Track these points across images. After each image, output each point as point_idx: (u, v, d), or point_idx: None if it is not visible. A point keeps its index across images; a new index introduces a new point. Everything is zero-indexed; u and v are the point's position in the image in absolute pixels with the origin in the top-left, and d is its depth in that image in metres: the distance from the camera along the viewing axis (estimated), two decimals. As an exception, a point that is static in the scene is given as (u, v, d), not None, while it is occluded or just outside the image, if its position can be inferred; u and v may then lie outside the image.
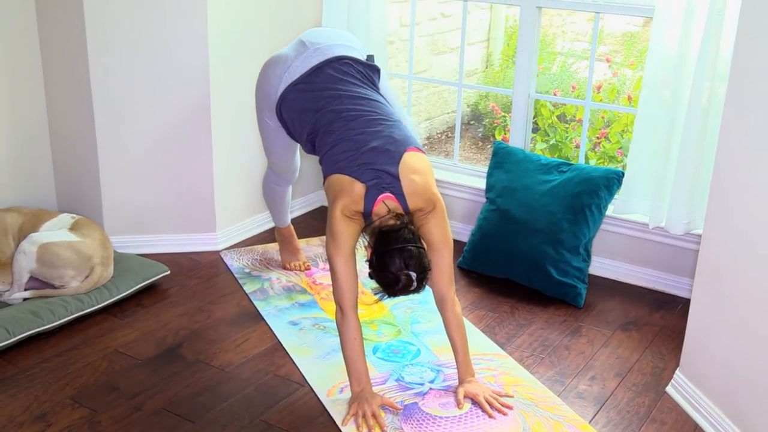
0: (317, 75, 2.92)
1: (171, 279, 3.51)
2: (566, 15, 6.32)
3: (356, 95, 2.84)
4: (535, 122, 4.68)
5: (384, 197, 2.58)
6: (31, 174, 3.71)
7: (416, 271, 2.48)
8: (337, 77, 2.90)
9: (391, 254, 2.47)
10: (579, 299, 3.39)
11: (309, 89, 2.90)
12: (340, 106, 2.80)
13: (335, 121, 2.77)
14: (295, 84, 2.93)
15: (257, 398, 2.72)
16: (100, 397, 2.69)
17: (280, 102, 2.97)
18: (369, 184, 2.58)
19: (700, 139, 3.21)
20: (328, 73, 2.91)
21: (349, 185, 2.60)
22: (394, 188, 2.59)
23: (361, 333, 2.63)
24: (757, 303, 2.38)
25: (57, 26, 3.54)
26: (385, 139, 2.67)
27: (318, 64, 2.93)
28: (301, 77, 2.93)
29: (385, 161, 2.61)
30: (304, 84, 2.92)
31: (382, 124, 2.74)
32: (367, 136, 2.69)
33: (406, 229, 2.53)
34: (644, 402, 2.77)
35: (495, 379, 2.84)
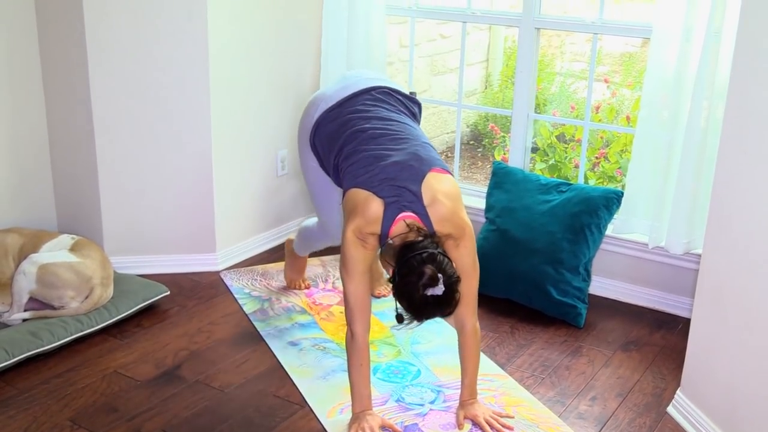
0: (352, 101, 2.84)
1: (171, 300, 3.51)
2: (565, 36, 6.36)
3: (386, 117, 2.76)
4: (534, 142, 4.69)
5: (404, 216, 2.43)
6: (31, 195, 3.72)
7: (443, 275, 2.31)
8: (371, 103, 2.82)
9: (414, 258, 2.33)
10: (579, 319, 3.39)
11: (341, 114, 2.82)
12: (367, 125, 2.71)
13: (358, 138, 2.68)
14: (329, 110, 2.86)
15: (257, 419, 2.70)
16: (99, 419, 2.68)
17: (314, 131, 2.89)
18: (388, 201, 2.45)
19: (698, 158, 3.22)
20: (364, 99, 2.84)
21: (364, 203, 2.46)
22: (415, 207, 2.44)
23: (368, 359, 2.58)
24: (757, 323, 2.37)
25: (58, 48, 3.55)
26: (410, 155, 2.55)
27: (356, 91, 2.87)
28: (335, 103, 2.86)
29: (407, 177, 2.48)
30: (338, 109, 2.84)
31: (407, 141, 2.63)
32: (390, 151, 2.57)
33: (429, 240, 2.39)
34: (645, 422, 2.76)
35: (495, 400, 2.83)
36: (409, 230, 2.42)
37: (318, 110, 2.90)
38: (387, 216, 2.44)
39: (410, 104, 2.95)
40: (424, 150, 2.62)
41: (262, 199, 4.05)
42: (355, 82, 2.93)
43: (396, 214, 2.44)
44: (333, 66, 4.03)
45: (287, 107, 4.06)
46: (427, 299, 2.33)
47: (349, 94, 2.87)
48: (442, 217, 2.46)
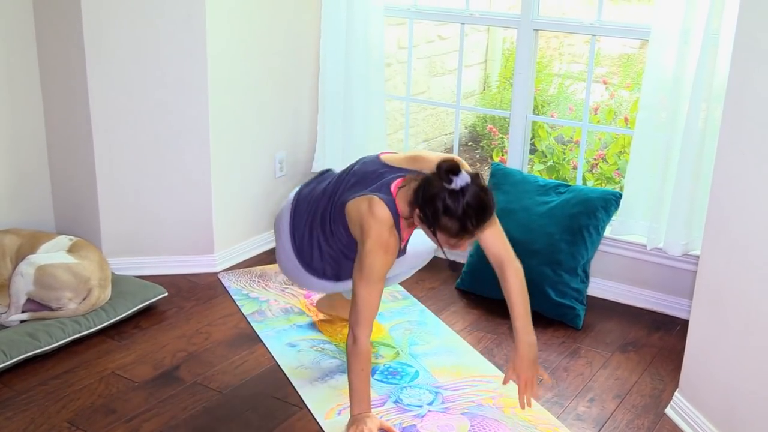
0: (330, 175, 2.92)
1: (169, 301, 3.50)
2: (563, 37, 6.36)
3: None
4: (533, 144, 4.70)
5: (395, 188, 2.54)
6: (29, 196, 3.72)
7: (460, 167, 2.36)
8: (349, 172, 2.81)
9: (425, 189, 2.40)
10: (577, 320, 3.39)
11: (317, 183, 2.90)
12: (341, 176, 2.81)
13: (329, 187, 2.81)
14: (306, 185, 2.96)
15: (255, 421, 2.70)
16: (96, 420, 2.68)
17: (292, 216, 2.91)
18: (376, 194, 2.53)
19: (697, 160, 3.22)
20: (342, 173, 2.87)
21: (368, 207, 2.51)
22: (396, 176, 2.59)
23: (369, 363, 2.58)
24: (755, 324, 2.37)
25: (56, 49, 3.55)
26: (384, 174, 2.65)
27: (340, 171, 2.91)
28: (312, 179, 2.97)
29: (371, 171, 2.65)
30: (314, 182, 2.92)
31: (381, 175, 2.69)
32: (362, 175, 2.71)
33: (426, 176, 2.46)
34: (643, 424, 2.76)
35: (494, 401, 2.83)
36: (408, 184, 2.51)
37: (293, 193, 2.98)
38: (387, 202, 2.51)
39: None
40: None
41: (261, 200, 4.05)
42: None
43: (389, 194, 2.52)
44: (331, 67, 4.03)
45: (286, 109, 4.06)
46: (462, 195, 2.33)
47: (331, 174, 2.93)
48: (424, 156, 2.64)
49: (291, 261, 2.90)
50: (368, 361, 2.56)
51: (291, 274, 2.97)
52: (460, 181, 2.34)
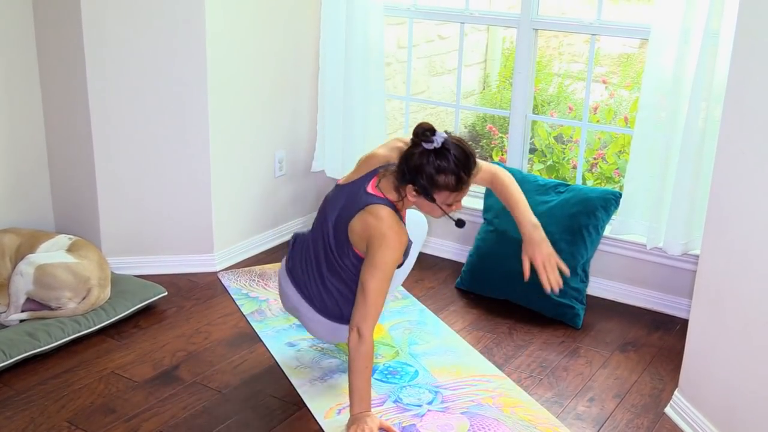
0: (302, 233, 2.98)
1: (168, 300, 3.50)
2: (563, 36, 6.36)
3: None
4: (532, 143, 4.69)
5: (372, 186, 2.63)
6: (28, 195, 3.72)
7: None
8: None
9: (403, 165, 2.53)
10: (577, 320, 3.39)
11: (299, 246, 2.91)
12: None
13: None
14: (288, 258, 2.94)
15: (255, 420, 2.70)
16: (96, 420, 2.67)
17: (296, 286, 2.87)
18: (373, 201, 2.60)
19: (697, 159, 3.22)
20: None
21: (370, 217, 2.58)
22: (370, 176, 2.68)
23: (372, 361, 2.59)
24: (755, 323, 2.37)
25: (55, 49, 3.55)
26: (355, 191, 2.71)
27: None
28: (289, 251, 2.97)
29: (363, 189, 2.67)
30: (294, 250, 2.92)
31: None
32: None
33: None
34: (643, 423, 2.76)
35: (493, 401, 2.83)
36: (384, 177, 2.62)
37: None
38: (380, 202, 2.59)
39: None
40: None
41: (260, 200, 4.05)
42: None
43: (374, 196, 2.61)
44: (331, 67, 4.03)
45: (285, 108, 4.06)
46: (446, 150, 2.48)
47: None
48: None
49: (325, 324, 2.83)
50: (372, 358, 2.57)
51: (336, 335, 2.88)
52: (440, 138, 2.49)
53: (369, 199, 2.62)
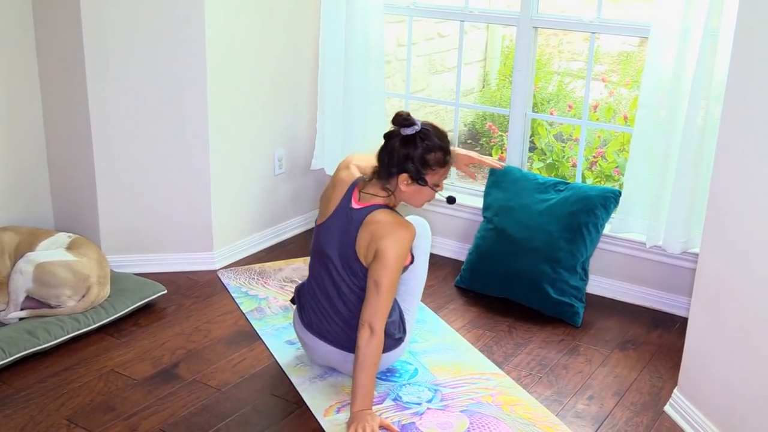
0: (301, 282, 3.06)
1: (168, 298, 3.50)
2: (562, 35, 6.35)
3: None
4: (532, 141, 4.69)
5: (354, 197, 2.70)
6: (27, 193, 3.71)
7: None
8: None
9: (382, 154, 2.66)
10: (576, 318, 3.39)
11: (303, 296, 2.95)
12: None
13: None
14: (296, 312, 2.99)
15: (254, 418, 2.70)
16: (96, 418, 2.68)
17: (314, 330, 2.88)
18: (369, 211, 2.67)
19: (696, 158, 3.22)
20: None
21: (373, 225, 2.64)
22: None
23: (380, 357, 2.63)
24: (755, 322, 2.37)
25: (55, 48, 3.55)
26: (341, 214, 2.77)
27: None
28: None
29: (349, 208, 2.73)
30: (301, 302, 2.95)
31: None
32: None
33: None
34: (642, 421, 2.76)
35: (493, 399, 2.83)
36: (365, 185, 2.71)
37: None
38: (375, 209, 2.67)
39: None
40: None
41: (260, 198, 4.04)
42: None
43: (365, 208, 2.68)
44: (331, 65, 4.03)
45: (285, 106, 4.06)
46: (426, 130, 2.62)
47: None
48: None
49: (348, 358, 2.80)
50: (380, 355, 2.62)
51: (383, 364, 2.88)
52: (417, 121, 2.63)
53: (361, 213, 2.67)
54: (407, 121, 2.61)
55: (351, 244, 2.67)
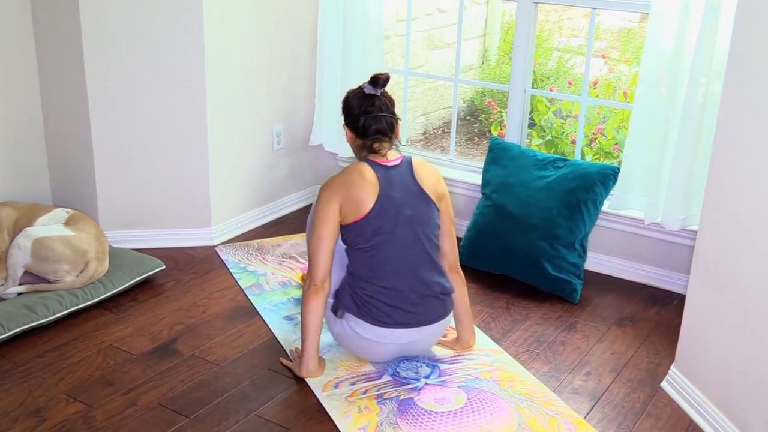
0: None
1: (166, 274, 3.51)
2: (562, 11, 6.32)
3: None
4: (531, 118, 4.68)
5: (375, 160, 2.78)
6: (25, 168, 3.70)
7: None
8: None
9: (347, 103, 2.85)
10: (574, 295, 3.39)
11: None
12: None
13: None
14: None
15: (252, 393, 2.71)
16: (94, 392, 2.68)
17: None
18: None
19: (696, 135, 3.21)
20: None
21: (423, 162, 2.85)
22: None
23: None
24: (752, 299, 2.38)
25: (52, 22, 3.52)
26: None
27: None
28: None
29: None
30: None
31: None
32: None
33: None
34: (639, 397, 2.78)
35: (490, 375, 2.84)
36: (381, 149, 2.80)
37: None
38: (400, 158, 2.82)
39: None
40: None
41: (258, 173, 4.04)
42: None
43: (398, 159, 2.82)
44: (329, 40, 4.00)
45: (283, 81, 4.04)
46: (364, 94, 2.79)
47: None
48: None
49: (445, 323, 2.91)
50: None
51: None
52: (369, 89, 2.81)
53: (403, 162, 2.79)
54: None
55: (420, 191, 2.76)
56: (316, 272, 2.70)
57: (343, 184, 2.71)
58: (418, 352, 2.89)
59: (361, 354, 2.84)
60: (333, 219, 2.70)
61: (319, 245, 2.70)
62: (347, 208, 2.69)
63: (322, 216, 2.70)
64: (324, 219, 2.70)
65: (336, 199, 2.70)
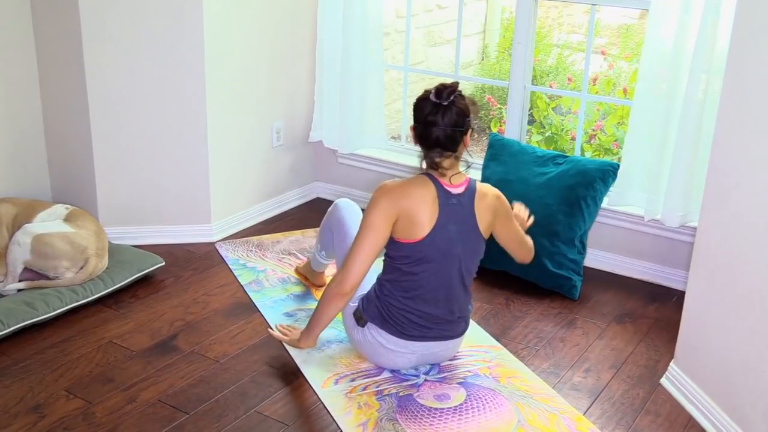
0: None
1: (166, 270, 3.50)
2: (562, 7, 6.31)
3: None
4: (531, 114, 4.68)
5: (444, 184, 2.63)
6: (25, 164, 3.70)
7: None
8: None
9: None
10: (574, 291, 3.39)
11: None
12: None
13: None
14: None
15: (252, 389, 2.71)
16: (94, 389, 2.69)
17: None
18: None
19: (696, 131, 3.21)
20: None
21: (486, 187, 2.76)
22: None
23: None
24: (751, 295, 2.38)
25: (52, 18, 3.52)
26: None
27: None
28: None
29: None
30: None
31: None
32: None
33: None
34: (639, 394, 2.78)
35: (490, 371, 2.84)
36: (443, 169, 2.65)
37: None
38: (464, 182, 2.70)
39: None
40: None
41: (258, 170, 4.04)
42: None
43: (460, 188, 2.68)
44: (329, 37, 4.00)
45: (283, 79, 4.04)
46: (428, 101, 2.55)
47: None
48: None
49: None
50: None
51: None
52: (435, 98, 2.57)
53: (468, 190, 2.66)
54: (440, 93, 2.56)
55: (474, 228, 2.69)
56: (347, 278, 2.58)
57: (406, 197, 2.58)
58: (435, 361, 2.87)
59: (377, 361, 2.82)
60: (385, 230, 2.57)
61: (361, 252, 2.56)
62: (401, 225, 2.58)
63: (375, 223, 2.56)
64: (376, 227, 2.56)
65: (394, 210, 2.56)
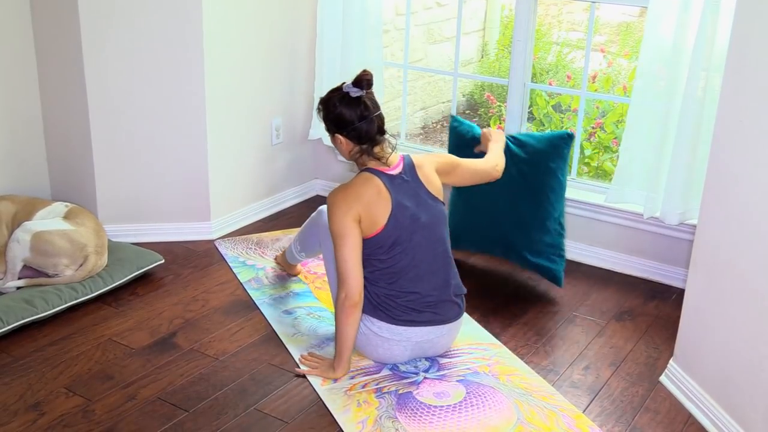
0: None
1: (165, 268, 3.51)
2: (562, 5, 6.31)
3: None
4: (531, 112, 4.68)
5: (384, 169, 2.72)
6: (24, 162, 3.70)
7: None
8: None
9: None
10: (558, 278, 3.33)
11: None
12: None
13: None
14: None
15: (252, 387, 2.72)
16: (94, 386, 2.69)
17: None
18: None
19: (695, 128, 3.21)
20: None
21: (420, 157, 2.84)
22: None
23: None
24: (751, 293, 2.38)
25: (51, 15, 3.52)
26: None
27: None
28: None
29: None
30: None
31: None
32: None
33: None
34: (638, 391, 2.78)
35: (489, 369, 2.85)
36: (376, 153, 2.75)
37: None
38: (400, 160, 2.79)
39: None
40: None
41: (257, 167, 4.03)
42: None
43: (398, 162, 2.78)
44: (329, 34, 4.00)
45: (282, 75, 4.04)
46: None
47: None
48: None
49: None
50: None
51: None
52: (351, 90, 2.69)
53: (406, 168, 2.75)
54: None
55: (428, 193, 2.75)
56: (350, 289, 2.63)
57: (358, 197, 2.65)
58: (434, 352, 2.88)
59: (376, 355, 2.82)
60: (356, 229, 2.64)
61: (348, 260, 2.63)
62: (364, 224, 2.65)
63: (345, 228, 2.63)
64: (348, 231, 2.63)
65: (353, 212, 2.63)
